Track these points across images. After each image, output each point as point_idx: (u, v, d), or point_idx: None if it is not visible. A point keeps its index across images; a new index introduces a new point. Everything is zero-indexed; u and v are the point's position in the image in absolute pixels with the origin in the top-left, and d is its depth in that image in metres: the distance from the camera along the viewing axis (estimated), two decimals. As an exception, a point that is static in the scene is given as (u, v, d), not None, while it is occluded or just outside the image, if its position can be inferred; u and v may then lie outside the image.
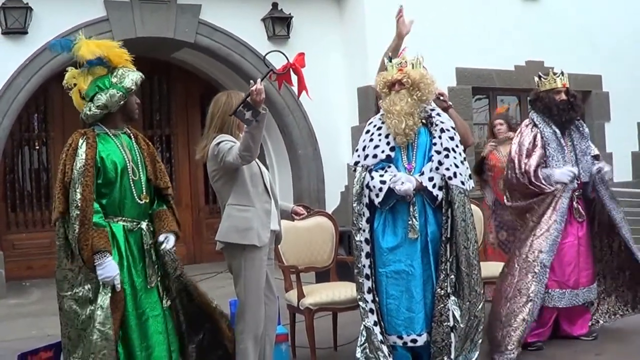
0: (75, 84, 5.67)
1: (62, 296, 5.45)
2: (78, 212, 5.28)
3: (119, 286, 5.33)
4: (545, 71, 8.17)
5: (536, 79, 8.04)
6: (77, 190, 5.31)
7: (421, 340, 6.46)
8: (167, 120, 15.29)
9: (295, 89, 6.04)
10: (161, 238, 5.70)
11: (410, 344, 6.49)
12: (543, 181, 7.59)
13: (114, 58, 5.63)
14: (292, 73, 5.95)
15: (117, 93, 5.50)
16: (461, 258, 6.40)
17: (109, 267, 5.29)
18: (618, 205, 7.91)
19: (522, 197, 7.77)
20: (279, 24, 13.56)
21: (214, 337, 5.98)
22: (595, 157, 7.96)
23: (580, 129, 7.88)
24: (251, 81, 5.68)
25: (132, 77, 5.58)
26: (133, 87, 5.58)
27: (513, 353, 7.10)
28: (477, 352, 6.66)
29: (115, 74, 5.58)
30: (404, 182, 6.35)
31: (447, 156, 6.45)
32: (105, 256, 5.29)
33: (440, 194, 6.43)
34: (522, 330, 7.21)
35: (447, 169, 6.41)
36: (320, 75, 13.34)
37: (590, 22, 16.11)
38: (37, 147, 14.52)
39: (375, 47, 11.13)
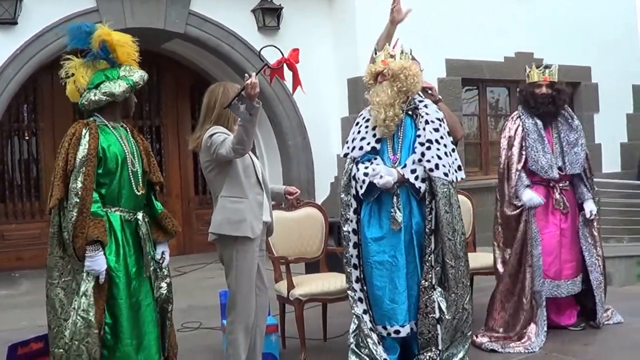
0: (73, 74, 5.70)
1: (50, 283, 5.48)
2: (77, 200, 5.31)
3: (103, 279, 5.34)
4: (535, 63, 8.22)
5: (526, 70, 8.11)
6: (79, 179, 5.33)
7: (404, 331, 6.51)
8: (156, 111, 15.26)
9: (287, 83, 6.07)
10: (158, 255, 5.83)
11: (393, 335, 6.53)
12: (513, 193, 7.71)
13: (122, 55, 5.69)
14: (286, 68, 5.97)
15: (126, 85, 5.56)
16: (445, 250, 6.43)
17: (99, 261, 5.32)
18: (593, 246, 7.97)
19: (499, 195, 7.86)
20: (269, 15, 13.53)
21: None
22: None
23: (570, 120, 7.90)
24: (246, 74, 5.73)
25: (140, 73, 5.68)
26: (140, 82, 5.65)
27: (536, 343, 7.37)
28: (468, 344, 6.71)
29: (123, 68, 5.65)
30: (383, 176, 6.39)
31: (429, 148, 6.47)
32: (97, 249, 5.31)
33: (423, 186, 6.46)
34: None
35: (429, 160, 6.43)
36: (311, 66, 13.32)
37: (580, 13, 16.16)
38: (27, 138, 14.44)
39: (365, 38, 11.15)
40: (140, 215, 5.66)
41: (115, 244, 5.49)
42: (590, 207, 7.87)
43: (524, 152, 7.74)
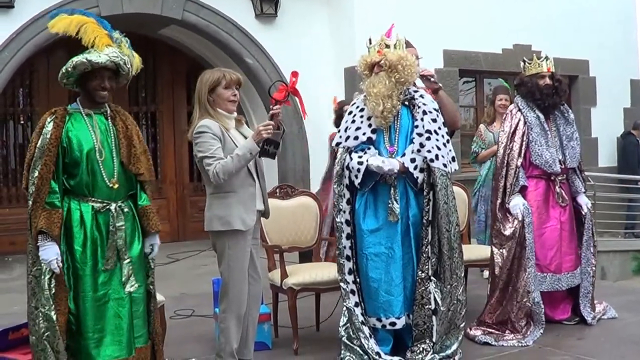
0: None
1: (27, 272, 5.43)
2: (33, 189, 5.28)
3: (57, 270, 5.25)
4: (532, 55, 8.15)
5: (521, 63, 8.05)
6: (37, 169, 5.29)
7: (400, 323, 6.47)
8: (152, 97, 15.24)
9: (289, 106, 6.10)
10: (147, 249, 5.72)
11: (389, 327, 6.50)
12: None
13: (90, 37, 5.52)
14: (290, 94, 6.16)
15: (60, 72, 5.45)
16: (443, 241, 6.39)
17: (48, 250, 5.25)
18: (592, 255, 7.95)
19: (494, 191, 7.84)
20: (266, 2, 13.49)
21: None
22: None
23: (565, 114, 7.87)
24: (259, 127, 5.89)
25: (76, 58, 5.41)
26: (69, 69, 5.38)
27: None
28: (461, 336, 6.69)
29: (88, 51, 5.47)
30: (385, 161, 6.35)
31: (428, 138, 6.41)
32: (47, 238, 5.26)
33: (420, 176, 6.40)
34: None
35: (429, 151, 6.37)
36: (307, 55, 13.34)
37: (579, 6, 16.16)
38: (22, 122, 14.45)
39: (362, 27, 11.16)
40: (113, 206, 5.50)
41: (83, 235, 5.39)
42: (585, 200, 7.88)
43: (524, 147, 7.68)
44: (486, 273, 8.77)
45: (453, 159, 6.60)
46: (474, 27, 14.65)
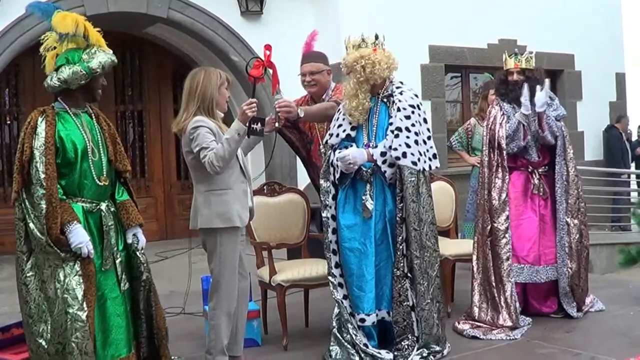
0: (55, 47, 5.51)
1: (17, 278, 5.40)
2: (44, 191, 5.19)
3: (92, 252, 5.26)
4: (518, 49, 8.28)
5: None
6: (40, 170, 5.21)
7: (369, 320, 6.52)
8: (139, 96, 15.17)
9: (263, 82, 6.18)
10: (130, 239, 5.67)
11: (359, 323, 6.55)
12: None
13: (94, 35, 5.52)
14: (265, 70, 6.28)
15: (81, 71, 5.36)
16: (410, 240, 6.41)
17: (79, 232, 5.22)
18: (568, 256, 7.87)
19: (480, 184, 7.90)
20: (252, 0, 13.49)
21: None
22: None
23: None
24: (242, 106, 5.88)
25: (100, 58, 5.44)
26: (98, 69, 5.43)
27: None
28: (445, 332, 6.75)
29: (88, 51, 5.44)
30: (346, 156, 6.44)
31: (397, 136, 6.44)
32: (72, 224, 5.22)
33: (389, 171, 6.47)
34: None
35: (395, 149, 6.41)
36: (293, 52, 13.29)
37: (565, 1, 16.17)
38: (9, 122, 14.40)
39: (348, 25, 11.13)
40: (104, 206, 5.53)
41: None
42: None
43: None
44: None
45: (434, 155, 6.64)
46: (459, 22, 14.66)
